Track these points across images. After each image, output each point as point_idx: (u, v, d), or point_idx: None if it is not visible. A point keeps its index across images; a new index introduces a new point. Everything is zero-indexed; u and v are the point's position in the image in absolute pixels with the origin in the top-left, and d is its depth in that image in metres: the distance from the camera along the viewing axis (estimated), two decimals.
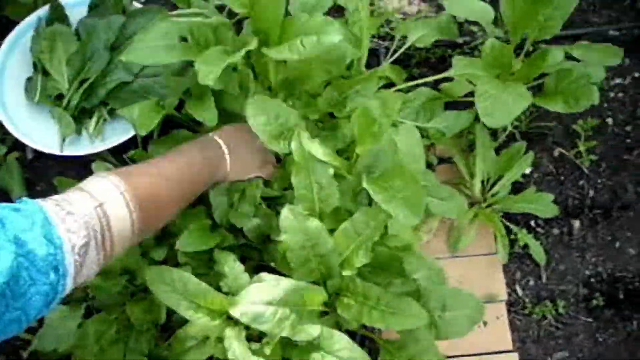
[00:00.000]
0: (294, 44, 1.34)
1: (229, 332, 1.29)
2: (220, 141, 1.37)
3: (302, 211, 1.29)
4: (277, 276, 1.27)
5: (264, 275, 1.29)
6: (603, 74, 1.68)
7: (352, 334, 1.48)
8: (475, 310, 1.44)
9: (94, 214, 0.97)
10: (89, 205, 0.97)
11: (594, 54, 1.67)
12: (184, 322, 1.41)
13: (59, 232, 0.88)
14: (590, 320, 1.76)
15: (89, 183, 1.05)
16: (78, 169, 1.73)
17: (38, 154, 1.79)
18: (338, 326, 1.43)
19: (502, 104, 1.49)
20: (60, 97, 1.73)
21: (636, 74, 1.96)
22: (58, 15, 1.79)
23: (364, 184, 1.31)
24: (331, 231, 1.33)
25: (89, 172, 1.59)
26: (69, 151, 1.69)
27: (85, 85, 1.70)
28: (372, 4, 1.95)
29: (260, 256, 1.57)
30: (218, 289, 1.37)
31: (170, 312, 1.52)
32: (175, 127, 1.63)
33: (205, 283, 1.33)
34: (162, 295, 1.33)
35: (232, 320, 1.35)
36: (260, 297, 1.22)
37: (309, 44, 1.33)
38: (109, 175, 1.08)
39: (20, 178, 1.76)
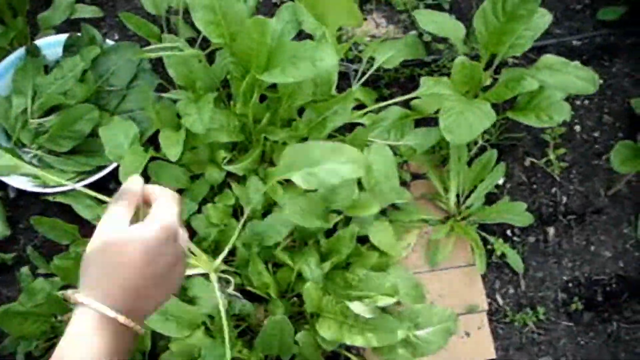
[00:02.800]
0: (287, 69, 1.40)
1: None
2: (103, 309, 0.73)
3: None
4: None
5: None
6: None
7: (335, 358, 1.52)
8: (450, 323, 1.48)
9: None
10: None
11: (569, 80, 1.64)
12: (167, 348, 1.45)
13: None
14: (571, 324, 1.79)
15: None
16: (60, 205, 1.75)
17: (20, 193, 1.82)
18: (319, 349, 1.47)
19: (465, 121, 1.53)
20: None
21: (600, 81, 2.02)
22: (33, 53, 1.82)
23: None
24: None
25: (70, 209, 1.65)
26: (49, 189, 1.71)
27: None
28: (339, 29, 2.00)
29: (241, 281, 1.60)
30: None
31: (155, 340, 1.56)
32: None
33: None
34: None
35: (209, 333, 1.40)
36: None
37: (304, 68, 1.38)
38: None
39: (3, 217, 1.79)
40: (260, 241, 1.55)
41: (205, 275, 1.55)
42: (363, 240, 1.69)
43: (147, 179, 1.68)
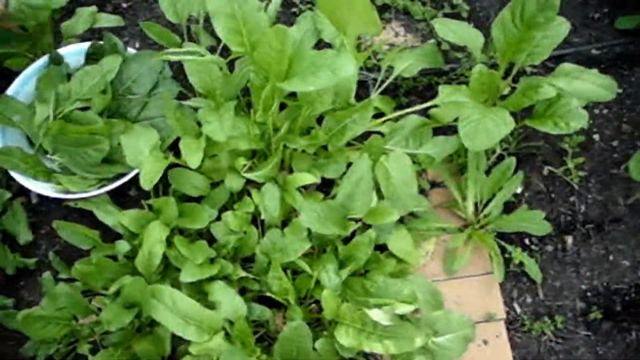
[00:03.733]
0: (307, 77, 1.42)
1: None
2: None
3: None
4: None
5: None
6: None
7: None
8: (467, 330, 1.49)
9: None
10: None
11: (587, 87, 1.68)
12: (188, 353, 1.47)
13: None
14: (589, 334, 1.78)
15: None
16: (81, 211, 1.78)
17: (42, 198, 1.85)
18: (337, 355, 1.48)
19: (484, 129, 1.54)
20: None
21: (619, 90, 2.01)
22: (56, 62, 1.85)
23: None
24: None
25: (91, 215, 1.67)
26: (71, 195, 1.73)
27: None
28: (358, 38, 2.01)
29: (259, 287, 1.61)
30: None
31: (175, 345, 1.57)
32: None
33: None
34: (154, 312, 1.42)
35: (228, 338, 1.42)
36: None
37: (324, 76, 1.40)
38: None
39: (25, 222, 1.82)
40: (280, 255, 1.57)
41: (226, 280, 1.57)
42: (382, 248, 1.70)
43: (167, 186, 1.70)
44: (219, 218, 1.67)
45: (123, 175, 1.75)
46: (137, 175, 1.71)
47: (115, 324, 1.49)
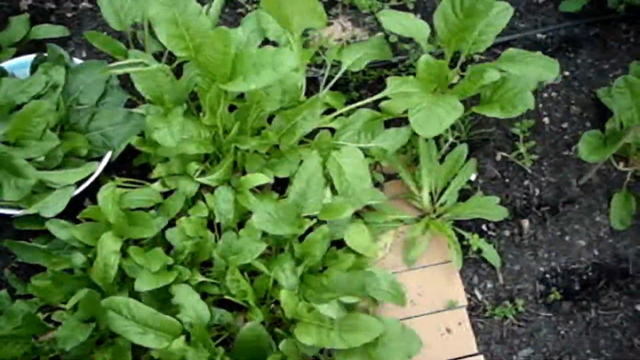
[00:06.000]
0: (250, 76, 1.42)
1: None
2: None
3: None
4: None
5: None
6: (536, 83, 1.75)
7: None
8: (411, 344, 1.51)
9: None
10: None
11: (531, 69, 1.70)
12: (152, 358, 1.46)
13: None
14: (550, 314, 1.81)
15: None
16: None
17: None
18: (299, 356, 1.48)
19: (434, 115, 1.55)
20: None
21: (566, 73, 2.04)
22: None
23: None
24: None
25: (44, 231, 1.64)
26: (21, 211, 1.70)
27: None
28: (306, 35, 2.02)
29: (219, 290, 1.61)
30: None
31: (138, 354, 1.56)
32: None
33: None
34: (112, 323, 1.42)
35: (188, 342, 1.42)
36: None
37: (265, 74, 1.40)
38: None
39: None
40: (236, 257, 1.56)
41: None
42: (340, 243, 1.71)
43: None
44: (173, 224, 1.66)
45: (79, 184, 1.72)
46: (92, 183, 1.70)
47: (71, 341, 1.47)
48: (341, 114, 1.82)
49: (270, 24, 1.75)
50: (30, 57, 1.85)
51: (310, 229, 1.64)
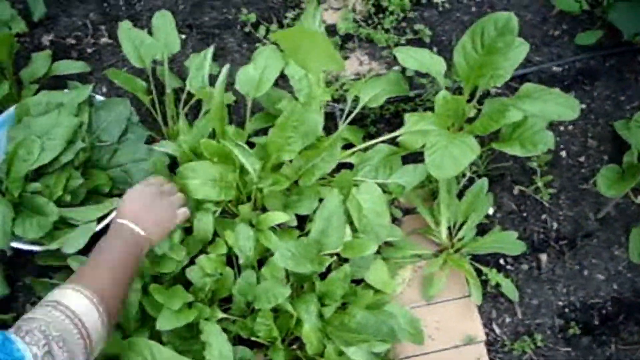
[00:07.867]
0: None
1: None
2: (125, 221, 1.49)
3: None
4: None
5: None
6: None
7: None
8: None
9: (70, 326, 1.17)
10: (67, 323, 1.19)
11: (550, 107, 1.71)
12: None
13: (19, 346, 1.07)
14: (569, 349, 1.80)
15: (65, 298, 1.25)
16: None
17: (16, 251, 1.83)
18: None
19: (450, 156, 1.56)
20: None
21: (583, 105, 2.05)
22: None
23: None
24: None
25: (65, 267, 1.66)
26: (43, 247, 1.72)
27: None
28: (323, 70, 2.03)
29: (238, 328, 1.62)
30: None
31: None
32: None
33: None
34: None
35: None
36: None
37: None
38: (83, 290, 1.27)
39: (1, 275, 1.80)
40: (266, 300, 1.56)
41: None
42: (359, 279, 1.71)
43: None
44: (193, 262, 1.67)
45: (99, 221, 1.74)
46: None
47: None
48: (359, 149, 1.83)
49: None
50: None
51: (329, 266, 1.65)
